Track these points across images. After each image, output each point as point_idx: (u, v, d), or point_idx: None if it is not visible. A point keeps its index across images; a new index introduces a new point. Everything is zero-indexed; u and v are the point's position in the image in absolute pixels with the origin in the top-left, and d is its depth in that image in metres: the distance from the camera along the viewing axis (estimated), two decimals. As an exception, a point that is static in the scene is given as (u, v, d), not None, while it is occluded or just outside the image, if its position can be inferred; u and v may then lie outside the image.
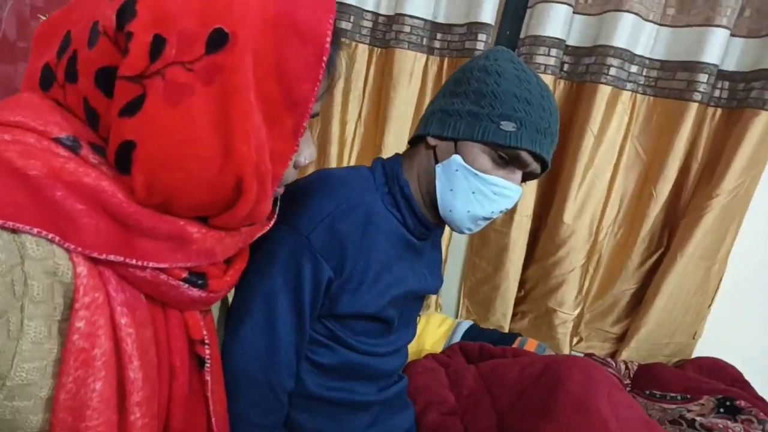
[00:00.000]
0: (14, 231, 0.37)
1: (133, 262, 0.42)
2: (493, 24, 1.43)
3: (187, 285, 0.48)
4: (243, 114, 0.42)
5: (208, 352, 0.54)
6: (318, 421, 0.73)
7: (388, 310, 0.72)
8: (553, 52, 1.36)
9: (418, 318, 0.91)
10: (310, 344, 0.71)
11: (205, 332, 0.54)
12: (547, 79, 1.37)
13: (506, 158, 0.68)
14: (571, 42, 1.39)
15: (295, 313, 0.66)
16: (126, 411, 0.44)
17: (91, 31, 0.42)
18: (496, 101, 0.67)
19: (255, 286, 0.65)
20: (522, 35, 1.43)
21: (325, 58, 0.44)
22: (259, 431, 0.67)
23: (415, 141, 0.77)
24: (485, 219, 0.73)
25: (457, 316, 1.55)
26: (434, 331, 1.31)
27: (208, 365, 0.54)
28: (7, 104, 0.43)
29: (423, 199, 0.75)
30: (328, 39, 0.44)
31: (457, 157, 0.69)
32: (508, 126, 0.66)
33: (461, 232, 0.76)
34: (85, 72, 0.42)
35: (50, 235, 0.38)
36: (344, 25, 1.51)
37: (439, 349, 1.25)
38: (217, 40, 0.40)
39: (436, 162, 0.72)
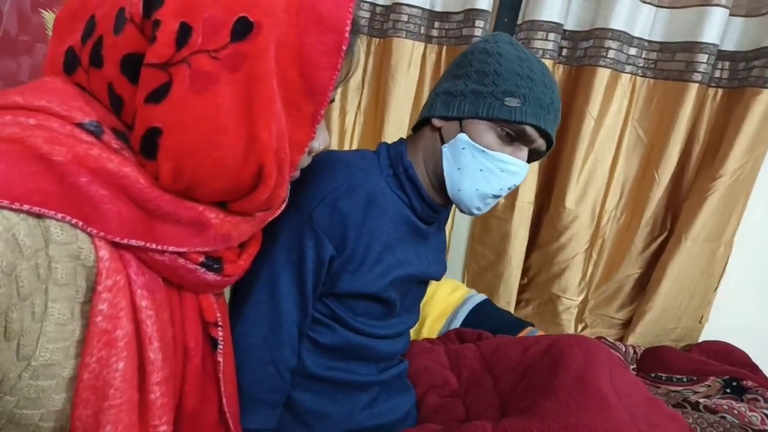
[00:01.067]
0: (39, 216, 0.37)
1: (154, 246, 0.43)
2: (490, 10, 1.42)
3: (203, 269, 0.49)
4: (266, 102, 0.42)
5: (221, 334, 0.55)
6: (317, 400, 0.74)
7: (389, 291, 0.73)
8: (551, 36, 1.35)
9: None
10: (311, 323, 0.71)
11: (218, 314, 0.55)
12: (546, 63, 1.35)
13: (512, 134, 0.69)
14: (568, 26, 1.39)
15: (298, 291, 0.66)
16: (146, 390, 0.45)
17: (117, 18, 0.43)
18: (498, 79, 0.68)
19: (258, 264, 0.65)
20: (519, 21, 1.42)
21: (344, 47, 0.44)
22: (262, 408, 0.67)
23: (419, 126, 0.78)
24: (494, 197, 0.73)
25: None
26: (444, 298, 1.25)
27: (221, 347, 0.55)
28: (30, 88, 0.43)
29: (430, 181, 0.75)
30: (348, 28, 0.45)
31: (463, 136, 0.70)
32: (512, 102, 0.67)
33: (470, 213, 0.76)
34: (111, 58, 0.43)
35: (74, 221, 0.39)
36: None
37: (443, 319, 1.20)
38: (242, 29, 0.41)
39: (443, 143, 0.72)
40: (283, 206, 0.61)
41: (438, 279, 0.86)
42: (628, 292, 1.45)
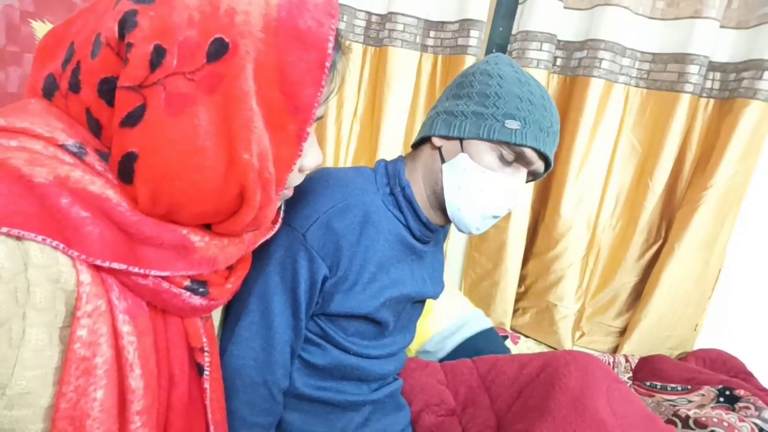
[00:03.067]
0: (19, 238, 0.37)
1: (136, 270, 0.42)
2: (485, 20, 1.43)
3: (188, 293, 0.48)
4: (245, 122, 0.42)
5: (207, 360, 0.54)
6: (307, 420, 0.73)
7: (381, 312, 0.72)
8: (545, 47, 1.36)
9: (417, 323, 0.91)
10: (303, 343, 0.71)
11: (204, 339, 0.53)
12: (540, 73, 1.37)
13: (512, 156, 0.70)
14: (562, 37, 1.40)
15: (291, 312, 0.66)
16: (126, 420, 0.44)
17: (94, 42, 0.42)
18: (499, 101, 0.69)
19: (251, 284, 0.65)
20: (514, 31, 1.43)
21: (327, 63, 0.44)
22: (254, 431, 0.66)
23: (418, 144, 0.79)
24: (494, 217, 0.74)
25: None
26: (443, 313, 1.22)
27: (207, 373, 0.54)
28: (12, 110, 0.43)
29: (428, 200, 0.75)
30: (330, 44, 0.44)
31: (464, 156, 0.70)
32: (512, 124, 0.68)
33: (469, 233, 0.76)
34: (88, 82, 0.43)
35: (55, 243, 0.38)
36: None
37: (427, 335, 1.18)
38: (218, 50, 0.41)
39: (443, 162, 0.72)
40: (276, 228, 0.61)
41: (434, 298, 0.86)
42: (624, 300, 1.46)
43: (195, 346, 0.53)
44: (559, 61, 1.42)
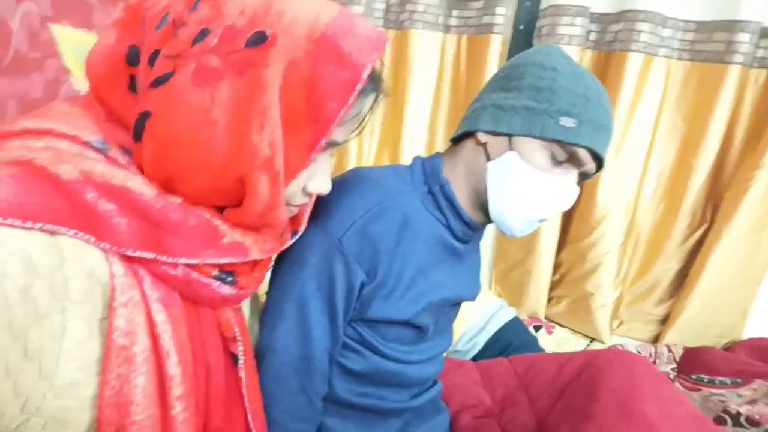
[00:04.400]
0: (52, 233, 0.38)
1: (165, 258, 0.43)
2: (511, -4, 1.36)
3: (217, 282, 0.48)
4: (262, 108, 0.42)
5: (240, 348, 0.55)
6: (347, 426, 0.71)
7: (421, 317, 0.69)
8: (578, 20, 1.28)
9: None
10: (341, 348, 0.69)
11: (236, 329, 0.55)
12: (573, 50, 1.29)
13: (564, 156, 0.65)
14: (596, 9, 1.31)
15: (329, 319, 0.64)
16: (167, 406, 0.45)
17: (161, 19, 0.45)
18: (553, 96, 0.63)
19: (288, 290, 0.63)
20: (542, 6, 1.35)
21: (359, 87, 0.45)
22: None
23: (458, 139, 0.73)
24: (540, 220, 0.69)
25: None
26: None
27: (242, 362, 0.55)
28: (39, 113, 0.45)
29: (469, 198, 0.70)
30: (367, 71, 0.45)
31: (512, 154, 0.65)
32: (567, 122, 0.63)
33: (512, 235, 0.71)
34: (146, 53, 0.45)
35: (86, 236, 0.40)
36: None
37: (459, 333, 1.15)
38: (258, 39, 0.43)
39: (488, 159, 0.67)
40: (302, 229, 0.61)
41: (472, 300, 0.82)
42: (666, 287, 1.39)
43: (228, 336, 0.54)
44: (592, 36, 1.33)
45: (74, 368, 0.40)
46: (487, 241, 1.52)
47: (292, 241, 0.60)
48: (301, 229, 0.61)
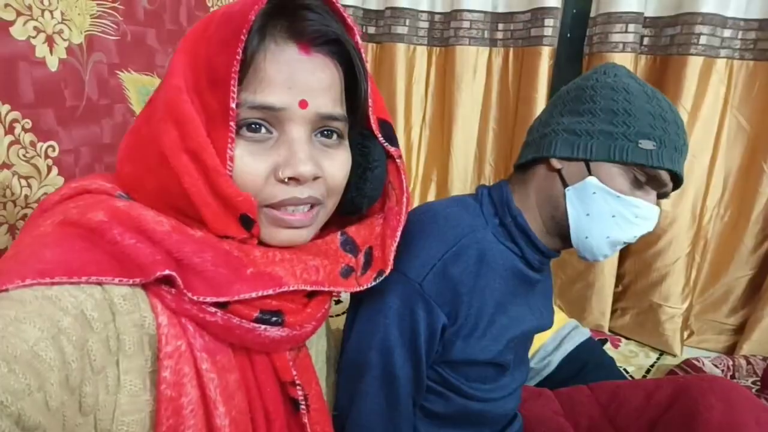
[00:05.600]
0: (100, 285, 0.39)
1: (190, 296, 0.41)
2: (558, 6, 1.33)
3: (263, 326, 0.45)
4: (162, 94, 0.44)
5: (300, 393, 0.51)
6: None
7: (504, 355, 0.68)
8: (631, 27, 1.25)
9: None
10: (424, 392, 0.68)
11: (295, 373, 0.51)
12: (627, 57, 1.26)
13: (644, 178, 0.64)
14: (650, 12, 1.27)
15: (412, 365, 0.63)
16: None
17: None
18: (630, 119, 0.62)
19: (370, 338, 0.63)
20: (593, 14, 1.32)
21: (244, 31, 0.41)
22: None
23: (525, 166, 0.71)
24: (624, 243, 0.67)
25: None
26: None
27: (303, 407, 0.51)
28: (78, 180, 0.49)
29: (545, 226, 0.69)
30: (250, 17, 0.41)
31: (593, 179, 0.64)
32: (647, 145, 0.62)
33: (594, 260, 0.70)
34: None
35: (130, 281, 0.40)
36: (400, 29, 1.47)
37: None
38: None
39: (564, 185, 0.66)
40: (387, 270, 0.54)
41: (548, 328, 0.80)
42: (739, 296, 1.33)
43: (286, 380, 0.50)
44: (646, 40, 1.29)
45: (129, 422, 0.40)
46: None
47: (375, 282, 0.54)
48: (387, 270, 0.55)
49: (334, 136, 0.49)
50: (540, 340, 1.13)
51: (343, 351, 0.67)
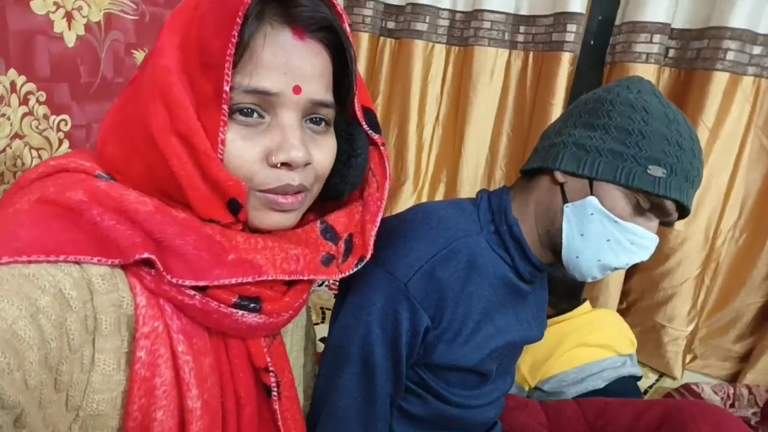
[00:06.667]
0: (78, 264, 0.39)
1: (169, 278, 0.41)
2: (583, 12, 1.31)
3: (240, 312, 0.45)
4: (154, 78, 0.43)
5: (273, 380, 0.51)
6: None
7: (486, 364, 0.67)
8: (656, 38, 1.21)
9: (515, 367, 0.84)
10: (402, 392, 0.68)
11: (269, 359, 0.51)
12: (650, 68, 1.23)
13: (647, 205, 0.61)
14: (677, 24, 1.24)
15: (392, 364, 0.63)
16: None
17: None
18: (643, 141, 0.59)
19: (352, 333, 0.62)
20: (618, 22, 1.29)
21: (240, 13, 0.40)
22: None
23: (531, 173, 0.70)
24: (615, 269, 0.65)
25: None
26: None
27: (275, 394, 0.52)
28: (57, 158, 0.48)
29: (539, 239, 0.67)
30: (246, 2, 0.41)
31: (593, 200, 0.61)
32: (657, 171, 0.59)
33: (582, 279, 0.68)
34: None
35: (109, 261, 0.40)
36: (419, 26, 1.46)
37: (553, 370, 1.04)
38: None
39: (564, 201, 0.64)
40: (368, 255, 0.54)
41: (537, 341, 0.78)
42: (748, 323, 1.29)
43: (259, 366, 0.51)
44: (672, 53, 1.26)
45: (100, 400, 0.40)
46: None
47: (357, 268, 0.54)
48: (368, 255, 0.55)
49: (323, 123, 0.49)
50: (568, 365, 1.06)
51: (326, 343, 0.67)
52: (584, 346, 1.06)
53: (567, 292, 1.12)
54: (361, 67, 1.57)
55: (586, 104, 0.66)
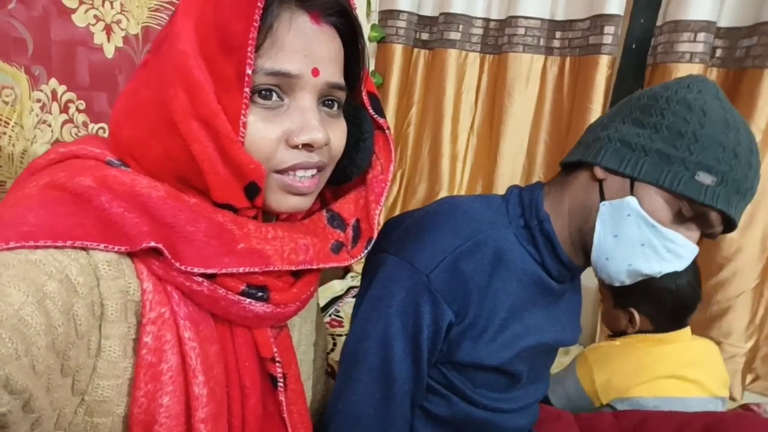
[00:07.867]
0: (85, 250, 0.39)
1: (178, 265, 0.42)
2: (621, 14, 1.26)
3: (248, 300, 0.45)
4: (173, 64, 0.42)
5: (279, 370, 0.51)
6: None
7: (515, 364, 0.63)
8: (701, 36, 1.16)
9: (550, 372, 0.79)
10: (425, 392, 0.64)
11: (275, 350, 0.51)
12: (695, 68, 1.17)
13: (690, 213, 0.57)
14: (723, 23, 1.18)
15: (412, 360, 0.60)
16: (192, 428, 0.44)
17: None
18: (695, 145, 0.55)
19: (370, 327, 0.60)
20: (659, 22, 1.24)
21: (260, 2, 0.41)
22: None
23: (570, 167, 0.66)
24: (645, 276, 0.61)
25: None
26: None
27: (281, 385, 0.52)
28: (67, 144, 0.49)
29: (570, 237, 0.63)
30: None
31: (632, 200, 0.58)
32: (705, 179, 0.54)
33: (610, 283, 0.64)
34: None
35: (116, 248, 0.40)
36: (453, 35, 1.45)
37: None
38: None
39: (602, 198, 0.60)
40: (374, 235, 0.54)
41: (571, 344, 0.74)
42: (814, 340, 1.18)
43: (265, 356, 0.51)
44: (719, 52, 1.19)
45: (105, 386, 0.41)
46: (588, 280, 1.39)
47: (366, 251, 0.54)
48: (374, 235, 0.55)
49: (335, 106, 0.49)
50: (639, 392, 0.94)
51: (345, 339, 0.65)
52: (677, 379, 0.95)
53: (675, 310, 1.00)
54: (395, 78, 1.58)
55: (639, 100, 0.61)
